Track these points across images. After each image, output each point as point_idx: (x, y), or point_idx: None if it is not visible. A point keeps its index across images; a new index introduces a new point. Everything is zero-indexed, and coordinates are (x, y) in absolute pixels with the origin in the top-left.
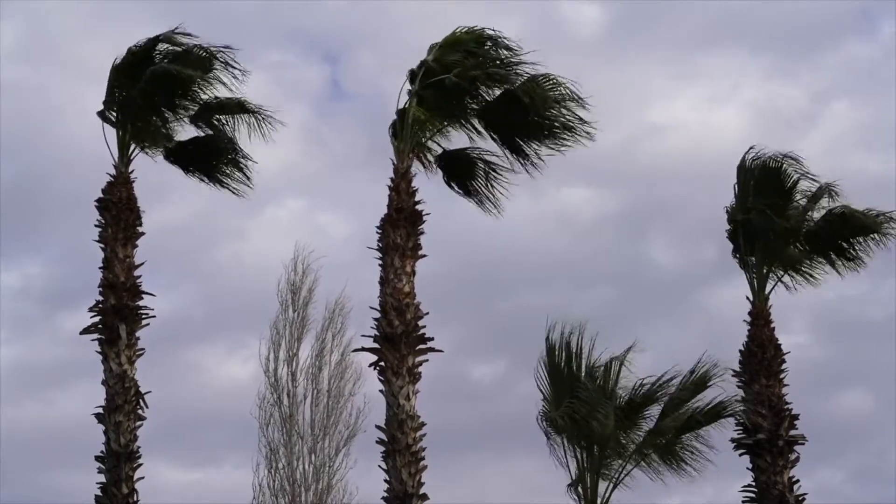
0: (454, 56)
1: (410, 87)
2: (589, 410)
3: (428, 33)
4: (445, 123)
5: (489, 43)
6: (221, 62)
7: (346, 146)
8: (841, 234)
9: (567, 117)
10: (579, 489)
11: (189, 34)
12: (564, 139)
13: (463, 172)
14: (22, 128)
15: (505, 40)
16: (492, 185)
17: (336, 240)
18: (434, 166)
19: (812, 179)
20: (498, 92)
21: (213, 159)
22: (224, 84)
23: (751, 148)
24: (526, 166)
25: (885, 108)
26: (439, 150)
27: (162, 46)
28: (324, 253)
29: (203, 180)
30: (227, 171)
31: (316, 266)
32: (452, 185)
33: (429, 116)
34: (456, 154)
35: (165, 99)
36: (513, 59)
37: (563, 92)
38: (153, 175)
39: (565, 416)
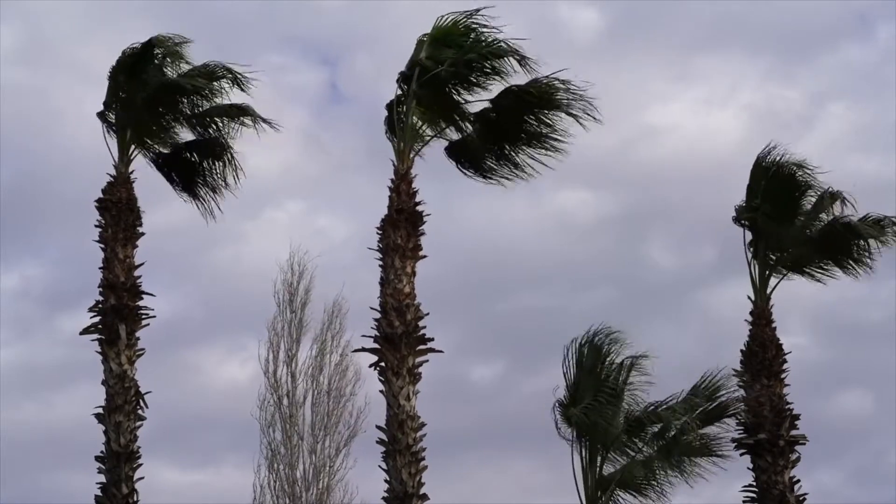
0: (446, 52)
1: (407, 87)
2: (599, 412)
3: None
4: (443, 125)
5: (476, 33)
6: (230, 78)
7: (345, 149)
8: (844, 241)
9: (567, 109)
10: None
11: (186, 39)
12: (559, 139)
13: (475, 155)
14: (21, 130)
15: (492, 29)
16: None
17: (335, 242)
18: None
19: (820, 186)
20: (492, 81)
21: (195, 174)
22: (228, 94)
23: (767, 147)
24: (519, 175)
25: (882, 111)
26: (441, 145)
27: (160, 49)
28: (319, 253)
29: (182, 195)
30: (206, 188)
31: (311, 266)
32: (467, 170)
33: (426, 115)
34: (464, 141)
35: (168, 107)
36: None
37: (561, 91)
38: (153, 176)
39: (583, 414)
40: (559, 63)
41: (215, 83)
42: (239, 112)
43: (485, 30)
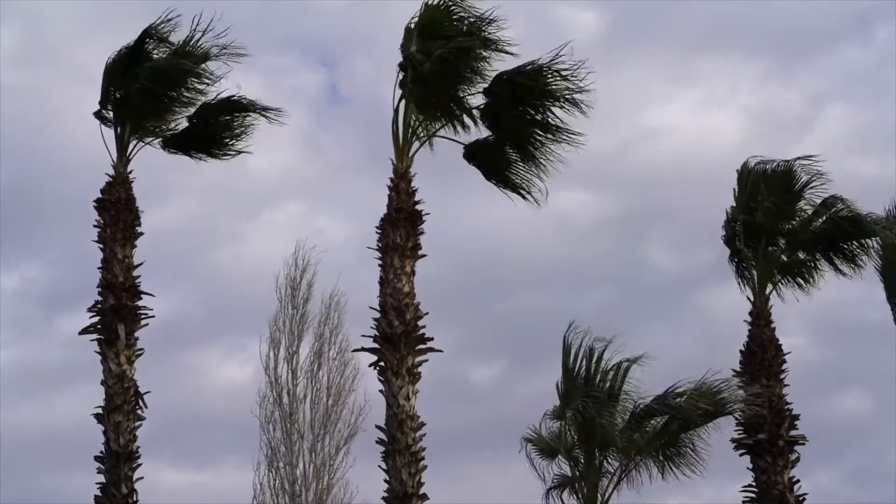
0: (437, 43)
1: (402, 84)
2: (598, 410)
3: None
4: (444, 120)
5: (464, 20)
6: (216, 52)
7: (344, 150)
8: (842, 237)
9: (564, 104)
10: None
11: (175, 25)
12: (560, 133)
13: (499, 164)
14: (21, 131)
15: (477, 14)
16: (539, 170)
17: (334, 243)
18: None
19: (821, 181)
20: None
21: (213, 135)
22: (218, 80)
23: (758, 159)
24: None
25: (881, 112)
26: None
27: (152, 41)
28: (325, 248)
29: (203, 158)
30: (229, 144)
31: (315, 261)
32: (492, 180)
33: (423, 111)
34: (483, 145)
35: (163, 94)
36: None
37: (560, 84)
38: (152, 176)
39: (577, 412)
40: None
41: (207, 63)
42: (236, 107)
43: (467, 14)
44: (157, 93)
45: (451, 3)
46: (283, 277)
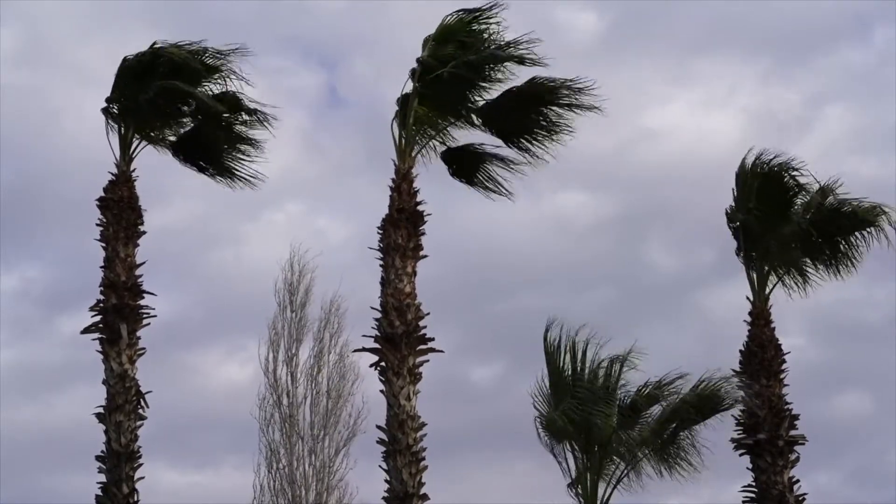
0: (448, 48)
1: (411, 86)
2: (589, 410)
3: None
4: (450, 120)
5: (480, 33)
6: (227, 70)
7: (344, 151)
8: (836, 230)
9: (569, 104)
10: (579, 488)
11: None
12: (567, 127)
13: (469, 167)
14: (21, 131)
15: (495, 24)
16: (499, 175)
17: (334, 243)
18: (436, 159)
19: (809, 189)
20: (497, 81)
21: (220, 151)
22: (228, 88)
23: (750, 150)
24: (527, 160)
25: (880, 113)
26: (443, 148)
27: (167, 52)
28: (319, 252)
29: (213, 175)
30: (236, 163)
31: (312, 266)
32: (458, 178)
33: (430, 114)
34: (461, 149)
35: (171, 107)
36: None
37: (564, 91)
38: (153, 177)
39: (564, 416)
40: (556, 67)
41: (214, 76)
42: (236, 107)
43: (489, 29)
44: (166, 104)
45: (471, 19)
46: (281, 282)
